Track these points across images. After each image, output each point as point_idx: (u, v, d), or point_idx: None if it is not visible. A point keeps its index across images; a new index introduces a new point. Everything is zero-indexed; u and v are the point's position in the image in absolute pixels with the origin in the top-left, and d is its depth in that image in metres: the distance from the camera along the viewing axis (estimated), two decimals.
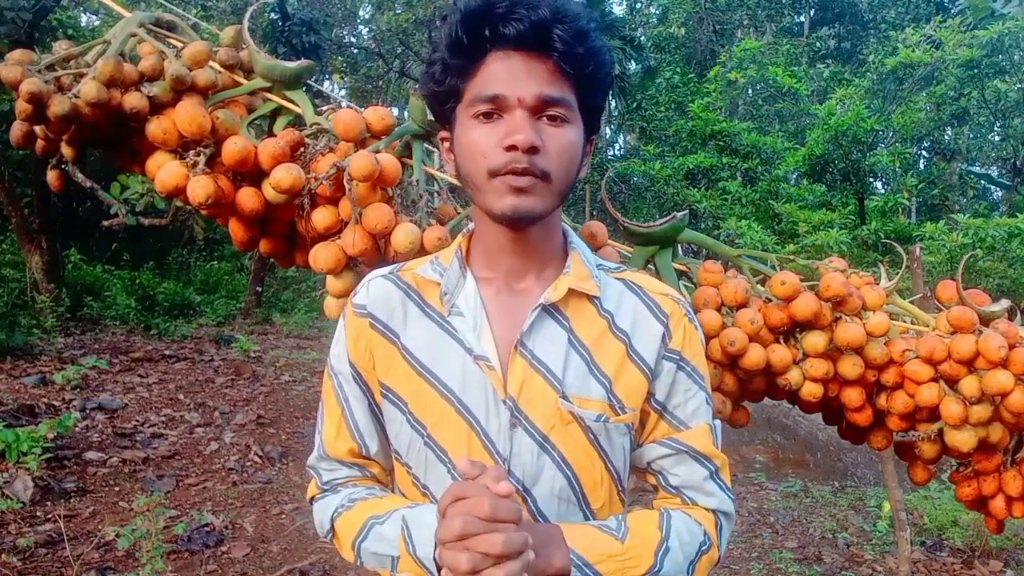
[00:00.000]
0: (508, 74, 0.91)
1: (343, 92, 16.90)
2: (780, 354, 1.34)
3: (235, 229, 1.48)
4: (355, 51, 17.49)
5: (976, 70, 11.05)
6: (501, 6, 0.90)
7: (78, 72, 1.39)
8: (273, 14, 10.56)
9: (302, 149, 1.41)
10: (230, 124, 1.39)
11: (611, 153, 20.46)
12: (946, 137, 15.21)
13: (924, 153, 16.30)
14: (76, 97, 1.34)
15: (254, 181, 1.40)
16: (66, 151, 1.48)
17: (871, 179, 12.91)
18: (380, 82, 16.76)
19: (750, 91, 14.74)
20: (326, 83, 15.76)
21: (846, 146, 9.95)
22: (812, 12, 19.48)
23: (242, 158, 1.34)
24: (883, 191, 13.05)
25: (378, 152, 1.35)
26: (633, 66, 16.65)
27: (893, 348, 1.36)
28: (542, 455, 0.98)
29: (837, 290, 1.31)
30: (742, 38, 15.70)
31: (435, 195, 1.46)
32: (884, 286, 1.44)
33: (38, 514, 3.75)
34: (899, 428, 1.41)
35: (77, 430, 4.89)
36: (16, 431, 4.10)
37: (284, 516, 4.13)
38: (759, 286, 1.42)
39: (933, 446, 1.40)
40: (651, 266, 1.45)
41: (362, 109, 1.44)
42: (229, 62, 1.51)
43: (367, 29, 18.54)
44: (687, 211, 1.49)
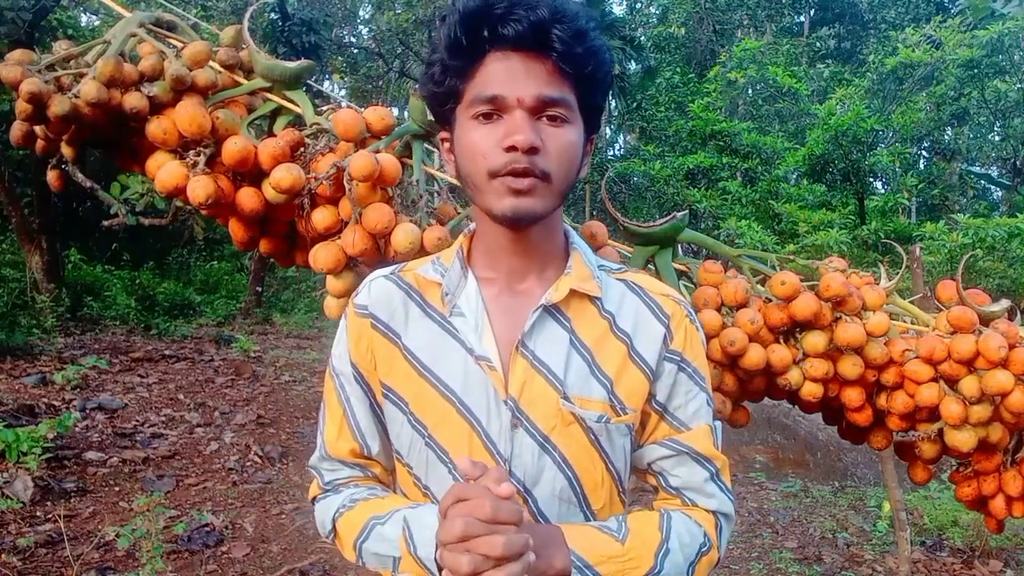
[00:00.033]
0: (507, 75, 0.91)
1: (343, 92, 16.90)
2: (780, 354, 1.34)
3: (235, 229, 1.48)
4: (355, 51, 17.49)
5: (976, 70, 11.05)
6: (499, 7, 0.90)
7: (78, 72, 1.39)
8: (273, 14, 10.56)
9: (302, 149, 1.41)
10: (230, 124, 1.39)
11: (611, 153, 20.45)
12: (946, 137, 15.21)
13: (924, 153, 16.31)
14: (76, 97, 1.34)
15: (254, 181, 1.40)
16: (66, 151, 1.48)
17: (871, 179, 12.91)
18: (380, 82, 16.76)
19: (750, 91, 14.74)
20: (326, 83, 15.76)
21: (846, 146, 9.95)
22: (812, 12, 19.48)
23: (242, 158, 1.34)
24: (883, 191, 13.06)
25: (378, 152, 1.35)
26: (633, 66, 16.65)
27: (893, 348, 1.36)
28: (543, 456, 0.98)
29: (837, 290, 1.31)
30: (742, 38, 15.71)
31: (435, 195, 1.46)
32: (884, 286, 1.44)
33: (38, 514, 3.75)
34: (899, 428, 1.41)
35: (77, 430, 4.89)
36: (16, 431, 4.10)
37: (284, 516, 4.13)
38: (759, 286, 1.42)
39: (933, 446, 1.40)
40: (651, 266, 1.45)
41: (362, 109, 1.44)
42: (229, 62, 1.51)
43: (367, 29, 18.54)
44: (687, 211, 1.49)
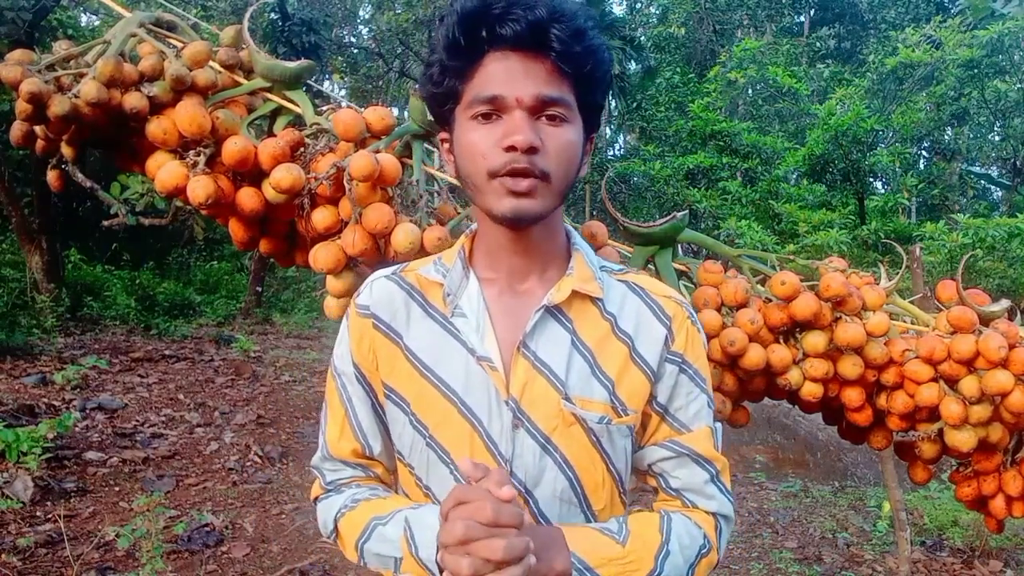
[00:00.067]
0: (506, 75, 0.91)
1: (343, 92, 16.90)
2: (780, 354, 1.34)
3: (235, 229, 1.48)
4: (355, 51, 17.49)
5: (976, 70, 11.05)
6: (497, 7, 0.90)
7: (78, 72, 1.39)
8: (273, 14, 10.57)
9: (302, 149, 1.41)
10: (230, 124, 1.39)
11: (611, 153, 20.46)
12: (946, 137, 15.22)
13: (924, 153, 16.31)
14: (76, 97, 1.34)
15: (254, 181, 1.40)
16: (66, 151, 1.48)
17: (871, 179, 12.91)
18: (380, 82, 16.76)
19: (750, 91, 14.75)
20: (326, 83, 15.77)
21: (846, 146, 9.95)
22: (812, 12, 19.49)
23: (242, 158, 1.34)
24: (883, 191, 13.06)
25: (378, 152, 1.35)
26: (633, 66, 16.65)
27: (893, 348, 1.36)
28: (544, 456, 0.98)
29: (837, 290, 1.31)
30: (742, 38, 15.71)
31: (435, 195, 1.46)
32: (884, 286, 1.44)
33: (38, 514, 3.75)
34: (899, 428, 1.41)
35: (77, 430, 4.89)
36: (16, 431, 4.10)
37: (284, 516, 4.13)
38: (759, 286, 1.42)
39: (933, 446, 1.40)
40: (651, 266, 1.45)
41: (362, 109, 1.43)
42: (229, 62, 1.51)
43: (367, 29, 18.55)
44: (687, 211, 1.49)
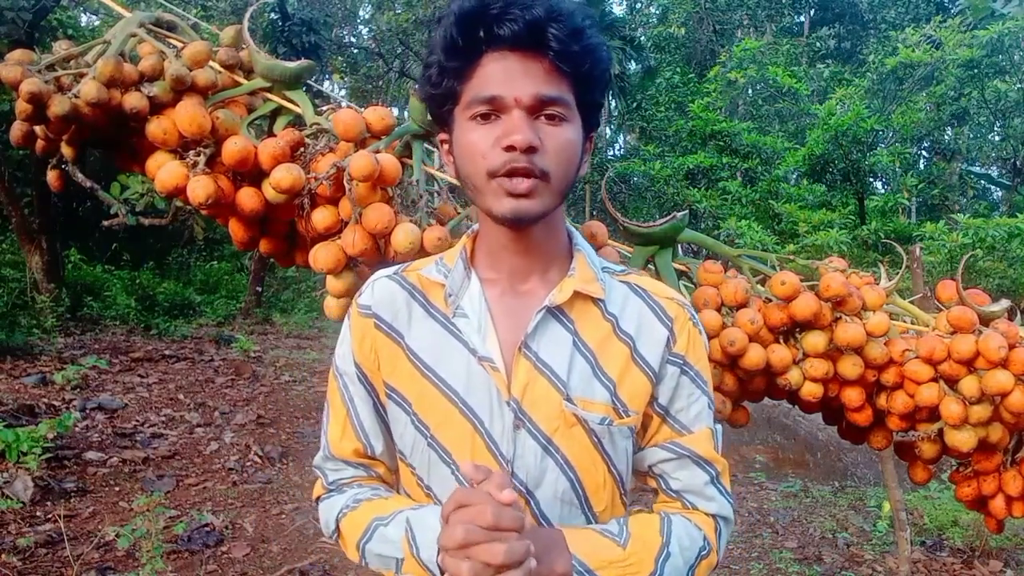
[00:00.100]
0: (504, 75, 0.91)
1: (343, 92, 16.91)
2: (780, 354, 1.34)
3: (235, 229, 1.48)
4: (355, 51, 17.50)
5: (976, 70, 11.05)
6: (495, 7, 0.90)
7: (78, 72, 1.39)
8: (273, 14, 10.57)
9: (302, 149, 1.41)
10: (230, 124, 1.39)
11: (611, 153, 20.46)
12: (946, 137, 15.22)
13: (924, 153, 16.31)
14: (76, 97, 1.34)
15: (254, 181, 1.40)
16: (66, 151, 1.48)
17: (871, 179, 12.92)
18: (380, 82, 16.77)
19: (750, 91, 14.75)
20: (326, 83, 15.77)
21: (846, 146, 9.95)
22: (812, 12, 19.49)
23: (242, 158, 1.34)
24: (883, 191, 13.06)
25: (378, 152, 1.34)
26: (633, 66, 16.66)
27: (893, 348, 1.36)
28: (545, 457, 0.97)
29: (837, 290, 1.31)
30: (742, 38, 15.71)
31: (435, 195, 1.46)
32: (884, 286, 1.44)
33: (38, 514, 3.75)
34: (899, 428, 1.41)
35: (77, 430, 4.89)
36: (16, 431, 4.10)
37: (284, 516, 4.13)
38: (759, 286, 1.42)
39: (933, 446, 1.40)
40: (651, 266, 1.45)
41: (362, 109, 1.43)
42: (229, 62, 1.51)
43: (367, 29, 18.56)
44: (687, 211, 1.49)
